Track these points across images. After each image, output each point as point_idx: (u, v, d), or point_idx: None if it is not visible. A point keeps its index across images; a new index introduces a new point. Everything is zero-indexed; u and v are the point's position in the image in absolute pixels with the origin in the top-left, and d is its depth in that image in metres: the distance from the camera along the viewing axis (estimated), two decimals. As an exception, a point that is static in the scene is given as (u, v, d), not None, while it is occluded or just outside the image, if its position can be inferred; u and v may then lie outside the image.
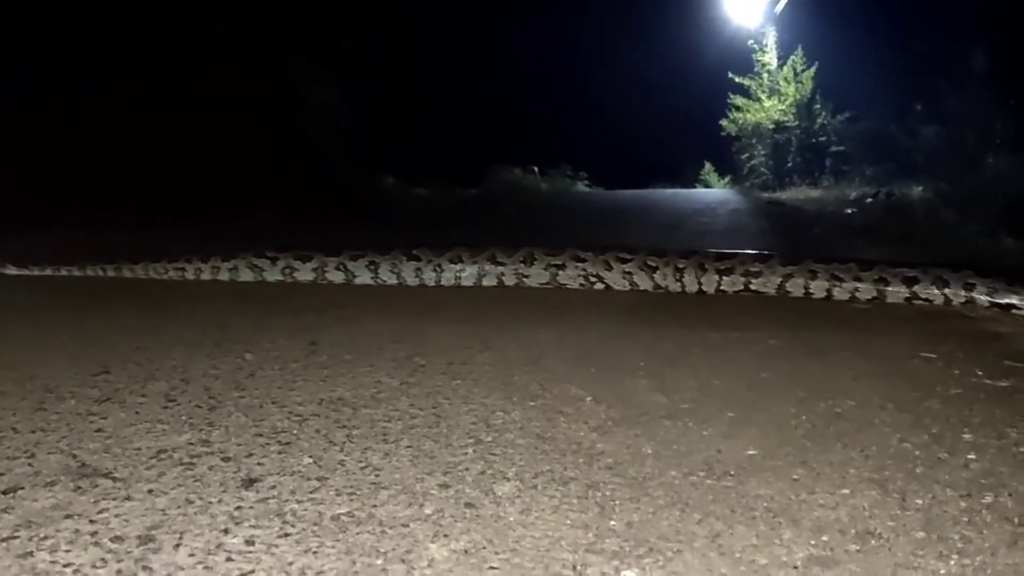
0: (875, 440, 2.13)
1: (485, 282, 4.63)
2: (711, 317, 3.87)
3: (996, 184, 13.09)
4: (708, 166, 25.89)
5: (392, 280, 4.67)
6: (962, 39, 14.38)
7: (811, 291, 4.29)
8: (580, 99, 27.86)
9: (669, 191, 20.02)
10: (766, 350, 3.19)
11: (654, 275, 4.46)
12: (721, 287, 4.38)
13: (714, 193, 20.72)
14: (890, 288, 4.19)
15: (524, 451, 2.03)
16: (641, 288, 4.49)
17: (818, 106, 25.25)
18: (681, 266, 4.44)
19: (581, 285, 4.56)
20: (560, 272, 4.57)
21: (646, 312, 4.09)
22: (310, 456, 1.98)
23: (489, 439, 2.11)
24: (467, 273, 4.64)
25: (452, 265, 4.64)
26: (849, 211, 19.54)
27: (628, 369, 2.84)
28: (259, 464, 1.92)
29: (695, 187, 24.43)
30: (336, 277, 4.73)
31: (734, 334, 3.44)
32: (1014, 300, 3.99)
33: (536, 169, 21.54)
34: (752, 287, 4.35)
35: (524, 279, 4.61)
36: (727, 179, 25.13)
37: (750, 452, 2.04)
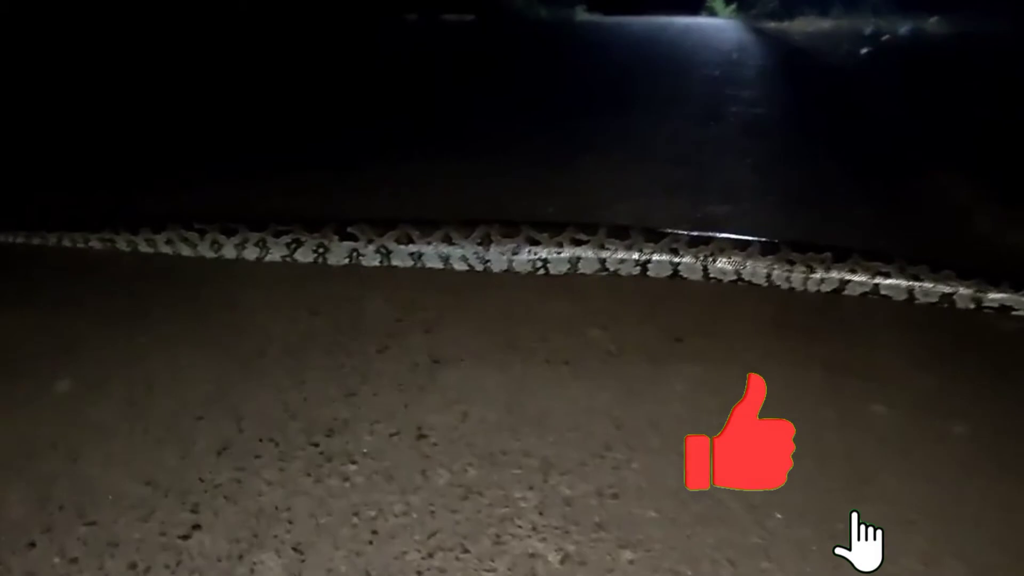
0: None
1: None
2: (844, 356, 3.35)
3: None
4: (714, -9, 24.32)
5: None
6: None
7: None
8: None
9: (681, 21, 18.75)
10: (956, 449, 2.67)
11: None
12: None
13: (726, 29, 19.50)
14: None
15: None
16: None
17: (831, -79, 23.57)
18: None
19: None
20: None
21: (774, 344, 3.52)
22: None
23: None
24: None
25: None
26: (864, 51, 18.53)
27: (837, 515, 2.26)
28: None
29: (700, 15, 23.02)
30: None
31: (901, 406, 2.93)
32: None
33: (534, -8, 20.01)
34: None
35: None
36: (733, 6, 23.63)
37: None
